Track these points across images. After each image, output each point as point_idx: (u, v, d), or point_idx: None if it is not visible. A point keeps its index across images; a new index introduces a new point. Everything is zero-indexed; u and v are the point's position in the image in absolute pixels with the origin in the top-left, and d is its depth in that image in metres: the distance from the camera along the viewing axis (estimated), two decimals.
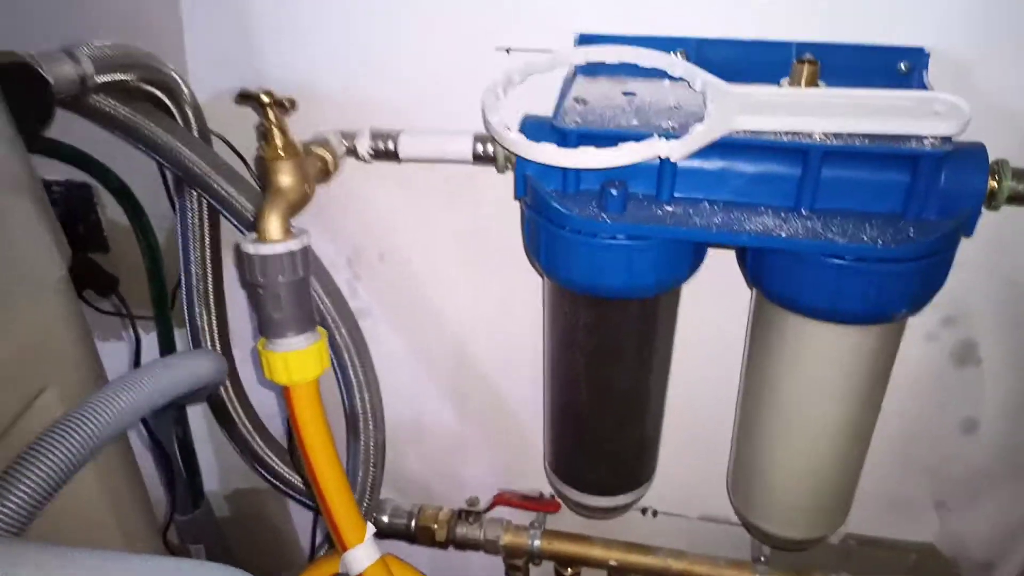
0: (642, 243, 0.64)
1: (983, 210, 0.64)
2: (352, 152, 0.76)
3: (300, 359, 0.65)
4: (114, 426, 0.54)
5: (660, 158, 0.62)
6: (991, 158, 0.63)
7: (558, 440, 0.86)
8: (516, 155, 0.67)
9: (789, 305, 0.66)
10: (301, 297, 0.65)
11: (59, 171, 0.93)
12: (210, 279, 0.93)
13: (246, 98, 0.61)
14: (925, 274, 0.61)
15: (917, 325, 0.82)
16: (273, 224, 0.62)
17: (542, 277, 0.78)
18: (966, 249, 0.75)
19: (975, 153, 0.62)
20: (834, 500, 0.79)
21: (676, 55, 0.71)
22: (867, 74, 0.68)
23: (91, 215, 1.00)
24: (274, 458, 1.03)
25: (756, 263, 0.67)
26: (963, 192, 0.62)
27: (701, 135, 0.61)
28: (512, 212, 0.81)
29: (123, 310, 1.01)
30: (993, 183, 0.63)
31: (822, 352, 0.68)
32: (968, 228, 0.63)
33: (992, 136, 0.64)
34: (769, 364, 0.72)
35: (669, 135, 0.62)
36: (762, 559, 0.95)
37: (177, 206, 0.90)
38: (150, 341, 1.05)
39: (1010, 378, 0.84)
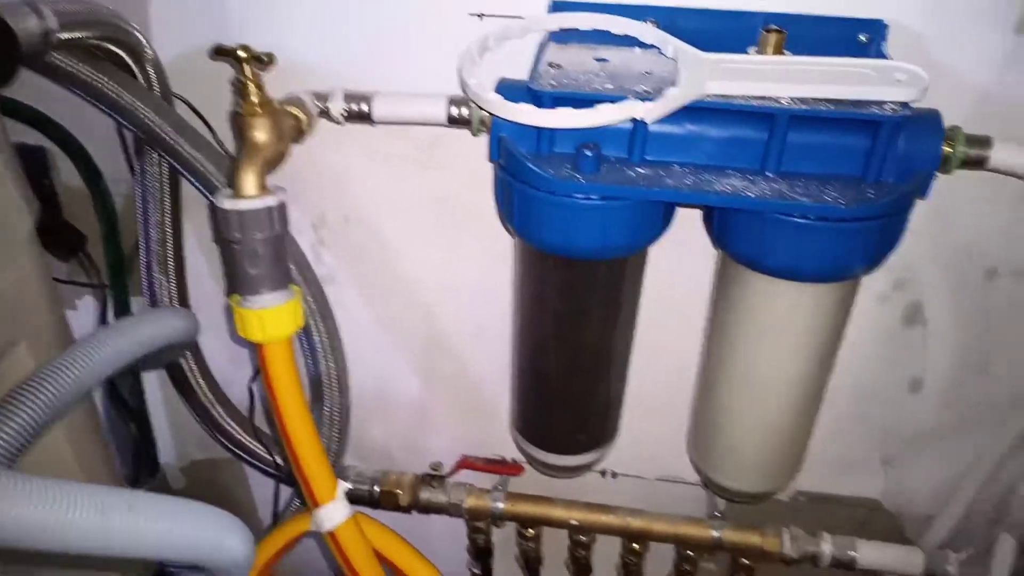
0: (615, 204, 0.66)
1: (937, 174, 0.68)
2: (325, 114, 0.76)
3: (275, 316, 0.65)
4: (90, 379, 0.54)
5: (634, 120, 0.64)
6: (945, 125, 0.67)
7: (525, 401, 0.88)
8: (493, 117, 0.68)
9: (754, 264, 0.69)
10: (278, 254, 0.65)
11: (12, 134, 0.90)
12: (170, 245, 0.92)
13: (222, 53, 0.61)
14: (882, 233, 0.65)
15: (870, 287, 0.86)
16: (250, 180, 0.61)
17: (514, 239, 0.79)
18: (917, 214, 0.79)
19: (931, 119, 0.66)
20: (788, 454, 0.83)
21: (648, 23, 0.73)
22: (829, 44, 0.71)
23: (45, 179, 0.97)
24: (234, 425, 1.03)
25: (722, 224, 0.69)
26: (920, 156, 0.65)
27: (675, 98, 0.63)
28: (483, 177, 0.81)
29: (87, 272, 0.98)
30: (948, 148, 0.66)
31: (783, 310, 0.71)
32: (923, 190, 0.66)
33: (946, 104, 0.67)
34: (731, 323, 0.75)
35: (643, 98, 0.64)
36: (717, 515, 0.99)
37: (137, 169, 0.88)
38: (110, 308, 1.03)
39: (953, 338, 0.89)
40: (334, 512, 0.75)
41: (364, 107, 0.75)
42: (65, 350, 0.54)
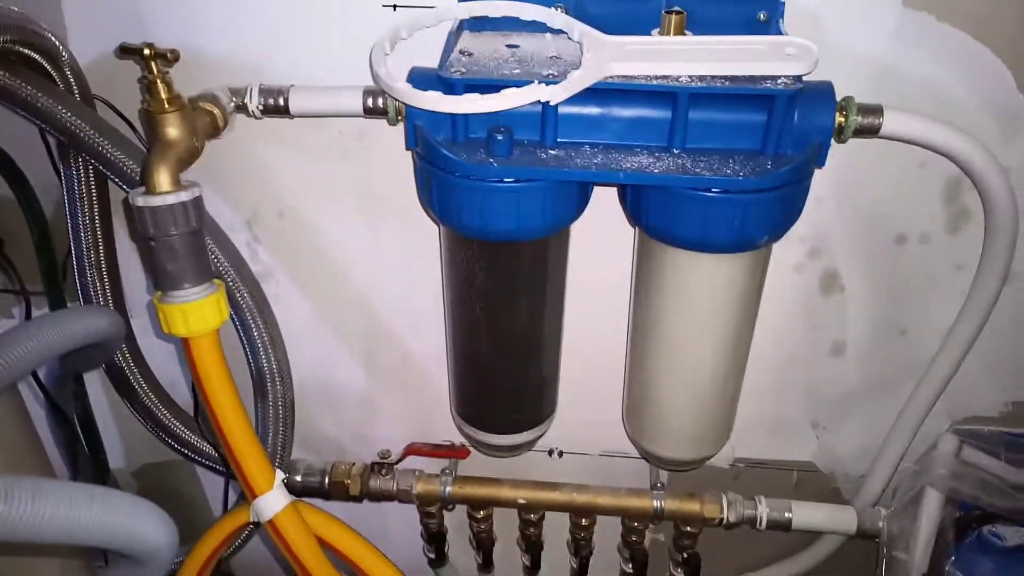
0: (528, 185, 0.68)
1: (834, 144, 0.71)
2: (242, 108, 0.77)
3: (199, 310, 0.66)
4: (8, 374, 0.54)
5: (541, 103, 0.66)
6: (840, 96, 0.70)
7: (462, 384, 0.89)
8: (405, 105, 0.69)
9: (665, 238, 0.71)
10: (196, 248, 0.65)
11: None
12: (101, 247, 0.91)
13: (128, 51, 0.61)
14: (783, 203, 0.67)
15: (787, 258, 0.89)
16: (163, 176, 0.62)
17: (438, 226, 0.81)
18: (826, 184, 0.83)
19: (823, 91, 0.69)
20: (716, 421, 0.85)
21: (556, 9, 0.74)
22: (730, 24, 0.73)
23: None
24: (180, 426, 1.03)
25: (635, 201, 0.72)
26: (814, 127, 0.68)
27: (578, 80, 0.65)
28: (405, 165, 0.83)
29: (11, 278, 0.98)
30: (841, 118, 0.69)
31: (696, 281, 0.73)
32: (820, 160, 0.69)
33: (842, 77, 0.70)
34: (651, 296, 0.78)
35: (549, 82, 0.66)
36: (659, 485, 1.02)
37: (63, 174, 0.88)
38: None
39: (869, 303, 0.92)
40: (272, 501, 0.76)
41: (280, 101, 0.76)
42: None
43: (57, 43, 0.80)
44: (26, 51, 0.79)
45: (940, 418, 0.97)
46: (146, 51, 0.61)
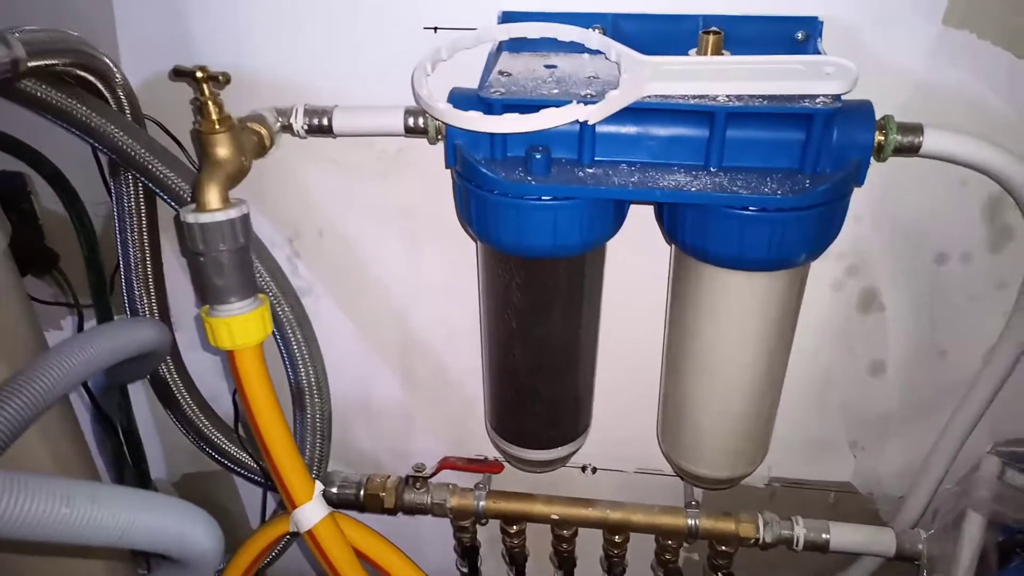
0: (566, 203, 0.68)
1: (874, 162, 0.71)
2: (287, 128, 0.79)
3: (243, 324, 0.67)
4: (62, 384, 0.56)
5: (579, 122, 0.67)
6: (879, 114, 0.70)
7: (497, 398, 0.90)
8: (446, 125, 0.71)
9: (702, 256, 0.72)
10: (243, 264, 0.67)
11: None
12: (149, 262, 0.94)
13: (181, 74, 0.64)
14: (821, 221, 0.67)
15: (825, 275, 0.88)
16: (212, 194, 0.64)
17: (475, 242, 0.82)
18: (865, 202, 0.82)
19: (863, 109, 0.69)
20: (752, 439, 0.85)
21: (593, 30, 0.76)
22: (768, 43, 0.74)
23: (25, 204, 1.00)
24: (221, 437, 1.05)
25: (671, 219, 0.72)
26: (853, 146, 0.68)
27: (615, 100, 0.66)
28: (445, 183, 0.84)
29: (64, 291, 1.01)
30: (880, 137, 0.69)
31: (733, 299, 0.73)
32: (859, 178, 0.69)
33: (881, 95, 0.70)
34: (688, 313, 0.78)
35: (587, 101, 0.67)
36: (694, 503, 1.01)
37: (113, 190, 0.91)
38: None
39: (909, 323, 0.91)
40: (311, 512, 0.77)
41: (324, 121, 0.78)
42: (37, 357, 0.56)
43: (111, 65, 0.83)
44: (81, 73, 0.82)
45: (982, 439, 0.96)
46: (198, 74, 0.63)
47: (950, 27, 0.73)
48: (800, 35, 0.74)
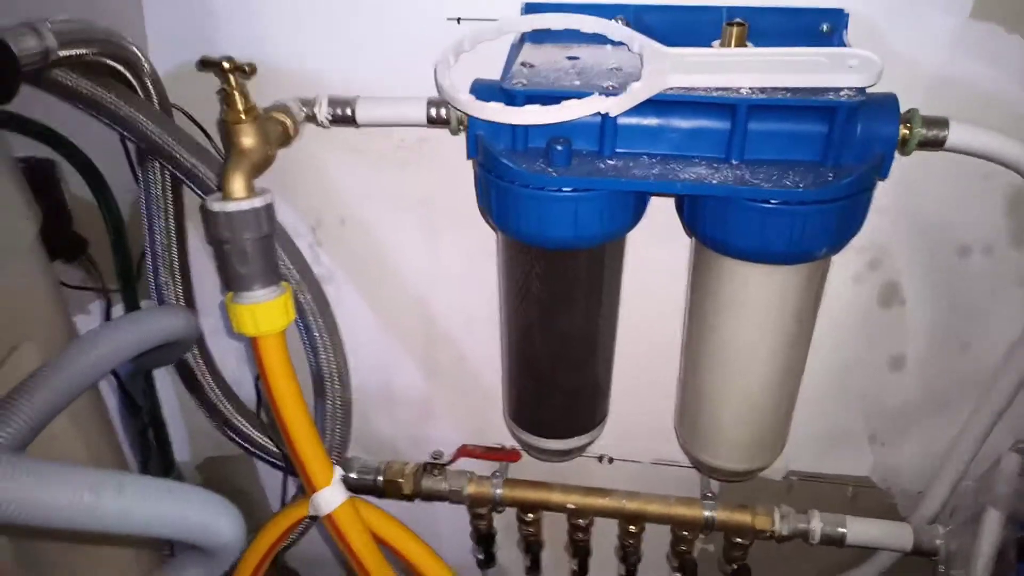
0: (586, 195, 0.69)
1: (899, 157, 0.70)
2: (311, 118, 0.80)
3: (267, 311, 0.68)
4: (92, 372, 0.58)
5: (601, 114, 0.67)
6: (904, 108, 0.69)
7: (516, 388, 0.91)
8: (467, 116, 0.71)
9: (722, 249, 0.72)
10: (267, 252, 0.68)
11: (20, 147, 0.94)
12: (175, 249, 0.96)
13: (208, 64, 0.65)
14: (843, 215, 0.67)
15: (846, 268, 0.88)
16: (238, 183, 0.65)
17: (496, 233, 0.82)
18: (887, 195, 0.82)
19: (887, 103, 0.68)
20: (770, 432, 0.85)
21: (616, 21, 0.76)
22: (793, 36, 0.74)
23: (55, 191, 1.02)
24: (243, 421, 1.07)
25: (692, 211, 0.72)
26: (877, 139, 0.68)
27: (637, 92, 0.66)
28: (465, 174, 0.85)
29: (93, 277, 1.03)
30: (905, 130, 0.69)
31: (753, 292, 0.73)
32: (883, 172, 0.69)
33: (906, 88, 0.70)
34: (707, 306, 0.78)
35: (609, 93, 0.67)
36: (710, 495, 1.01)
37: (140, 178, 0.92)
38: (116, 314, 1.07)
39: (930, 317, 0.91)
40: (330, 496, 0.79)
41: (348, 111, 0.79)
42: (68, 345, 0.58)
43: (139, 55, 0.84)
44: (110, 62, 0.83)
45: (1003, 435, 0.95)
46: (225, 64, 0.64)
47: (976, 20, 0.72)
48: (825, 27, 0.74)
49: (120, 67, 0.84)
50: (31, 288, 0.67)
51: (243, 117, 0.67)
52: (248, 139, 0.67)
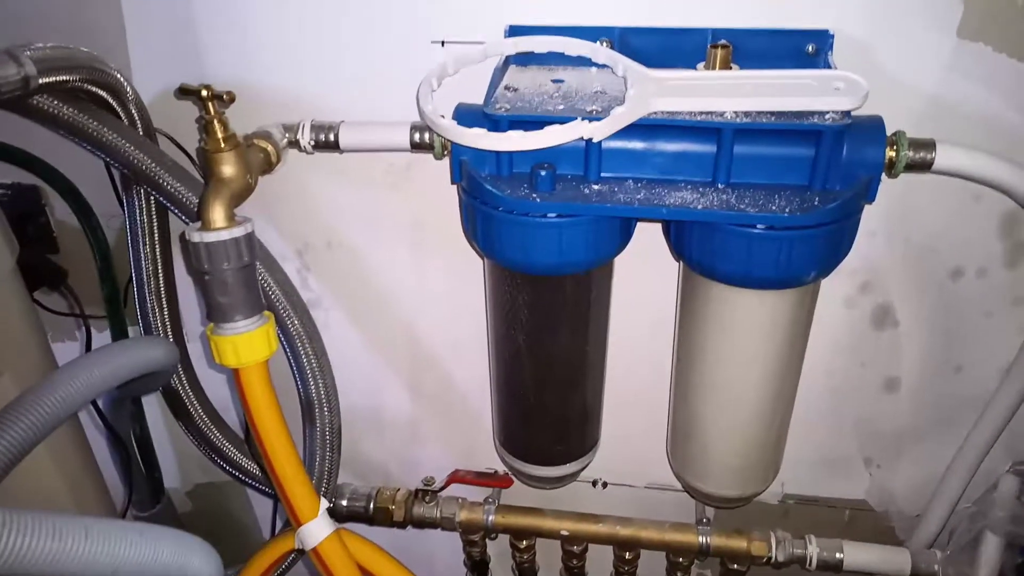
0: (571, 220, 0.68)
1: (887, 179, 0.70)
2: (294, 144, 0.79)
3: (249, 342, 0.67)
4: (68, 405, 0.57)
5: (584, 139, 0.66)
6: (892, 130, 0.69)
7: (505, 415, 0.90)
8: (450, 141, 0.71)
9: (709, 273, 0.71)
10: (248, 282, 0.67)
11: (5, 174, 0.94)
12: (161, 275, 0.95)
13: (186, 92, 0.64)
14: (831, 239, 0.66)
15: (837, 291, 0.87)
16: (217, 213, 0.64)
17: (482, 259, 0.81)
18: (878, 217, 0.81)
19: (873, 126, 0.68)
20: (762, 457, 0.84)
21: (601, 43, 0.75)
22: (778, 57, 0.73)
23: (40, 217, 1.01)
24: (232, 448, 1.05)
25: (679, 235, 0.72)
26: (863, 163, 0.67)
27: (620, 116, 0.65)
28: (453, 197, 0.84)
29: (75, 307, 1.02)
30: (892, 153, 0.68)
31: (742, 317, 0.72)
32: (870, 195, 0.68)
33: (894, 109, 0.69)
34: (696, 331, 0.77)
35: (592, 118, 0.66)
36: (705, 520, 1.00)
37: (125, 204, 0.91)
38: (104, 340, 1.07)
39: (924, 339, 0.90)
40: (316, 529, 0.77)
41: (331, 136, 0.79)
42: (44, 379, 0.57)
43: (123, 81, 0.84)
44: (94, 88, 0.82)
45: (1001, 457, 0.94)
46: (203, 92, 0.63)
47: (964, 40, 0.71)
48: (811, 48, 0.74)
49: (103, 93, 0.83)
50: (7, 318, 0.66)
51: (223, 145, 0.66)
52: (228, 168, 0.66)
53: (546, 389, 0.84)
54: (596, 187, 0.69)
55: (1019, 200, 0.72)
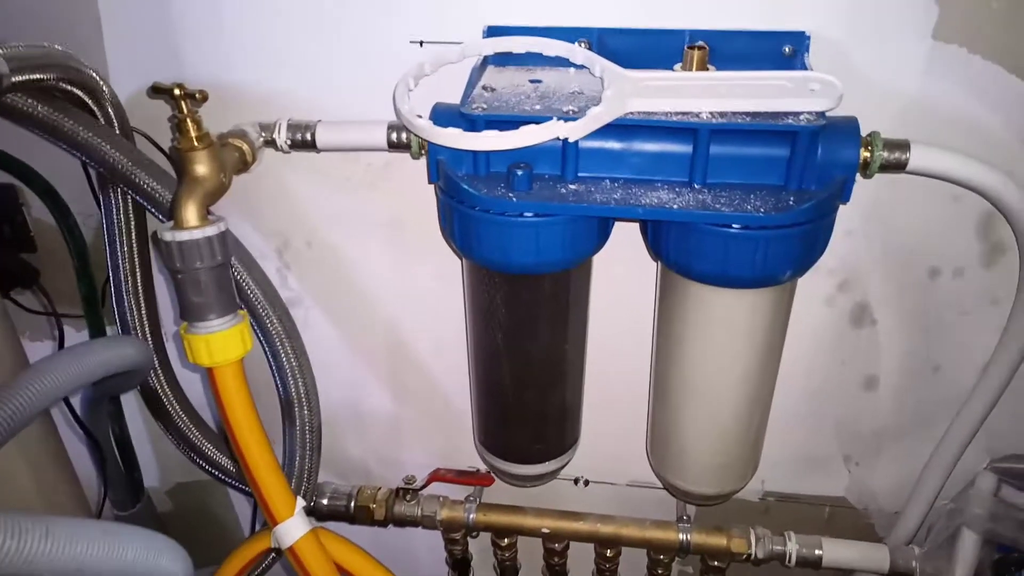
0: (548, 220, 0.68)
1: (865, 179, 0.70)
2: (271, 143, 0.79)
3: (222, 341, 0.67)
4: (37, 402, 0.56)
5: (561, 139, 0.66)
6: (867, 131, 0.69)
7: (484, 413, 0.90)
8: (427, 141, 0.71)
9: (686, 273, 0.71)
10: (221, 282, 0.67)
11: None
12: (138, 274, 0.94)
13: (159, 91, 0.64)
14: (806, 239, 0.66)
15: (816, 290, 0.88)
16: (190, 212, 0.64)
17: (460, 258, 0.81)
18: (856, 217, 0.82)
19: (848, 126, 0.68)
20: (742, 455, 0.84)
21: (579, 44, 0.75)
22: (755, 58, 0.73)
23: (16, 216, 1.01)
24: (211, 447, 1.05)
25: (656, 235, 0.72)
26: (838, 163, 0.67)
27: (596, 117, 0.65)
28: (431, 195, 0.84)
29: (47, 307, 1.01)
30: (866, 153, 0.68)
31: (718, 316, 0.73)
32: (844, 196, 0.68)
33: (870, 111, 0.70)
34: (674, 329, 0.77)
35: (568, 118, 0.66)
36: (685, 518, 1.00)
37: (102, 203, 0.91)
38: (82, 339, 1.06)
39: (902, 337, 0.90)
40: (292, 528, 0.77)
41: (308, 136, 0.78)
42: (13, 378, 0.56)
43: (99, 80, 0.83)
44: (69, 87, 0.82)
45: (978, 455, 0.94)
46: (176, 91, 0.63)
47: (940, 42, 0.72)
48: (787, 50, 0.74)
49: (79, 92, 0.83)
50: None
51: (196, 144, 0.65)
52: (201, 167, 0.66)
53: (525, 388, 0.84)
54: (573, 187, 0.69)
55: (993, 200, 0.73)
